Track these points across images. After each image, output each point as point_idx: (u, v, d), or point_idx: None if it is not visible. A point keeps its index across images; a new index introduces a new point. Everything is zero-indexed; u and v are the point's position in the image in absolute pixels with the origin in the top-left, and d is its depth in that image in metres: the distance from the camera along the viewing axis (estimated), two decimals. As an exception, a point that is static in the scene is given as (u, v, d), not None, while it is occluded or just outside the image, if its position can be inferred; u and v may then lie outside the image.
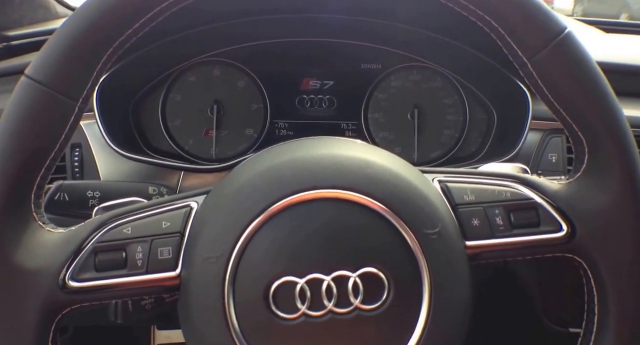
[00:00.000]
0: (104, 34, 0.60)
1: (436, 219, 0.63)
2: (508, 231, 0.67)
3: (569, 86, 0.65)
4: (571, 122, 0.66)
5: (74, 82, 0.60)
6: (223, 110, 1.26)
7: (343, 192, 0.62)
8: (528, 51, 0.64)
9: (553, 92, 0.65)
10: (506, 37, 0.65)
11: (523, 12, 0.63)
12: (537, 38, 0.64)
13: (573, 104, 0.65)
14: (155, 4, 0.60)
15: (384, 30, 1.24)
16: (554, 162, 1.14)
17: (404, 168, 0.67)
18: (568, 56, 0.64)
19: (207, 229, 0.62)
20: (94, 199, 0.89)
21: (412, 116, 1.27)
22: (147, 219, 0.65)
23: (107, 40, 0.61)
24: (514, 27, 0.64)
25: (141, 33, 0.63)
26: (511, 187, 0.69)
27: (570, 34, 0.64)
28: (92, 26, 0.59)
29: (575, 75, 0.64)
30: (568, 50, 0.64)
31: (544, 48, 0.63)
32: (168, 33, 1.17)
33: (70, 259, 0.62)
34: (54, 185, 0.89)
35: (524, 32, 0.64)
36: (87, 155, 1.10)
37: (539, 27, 0.63)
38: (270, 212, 0.61)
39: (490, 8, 0.63)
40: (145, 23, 0.62)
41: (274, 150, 0.69)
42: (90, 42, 0.60)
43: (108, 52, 0.61)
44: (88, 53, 0.60)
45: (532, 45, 0.64)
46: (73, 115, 0.61)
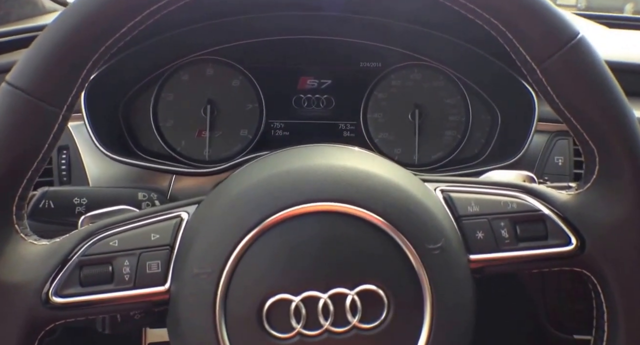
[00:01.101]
0: (89, 39, 0.56)
1: (439, 233, 0.60)
2: (514, 244, 0.63)
3: (580, 94, 0.61)
4: (582, 131, 0.62)
5: (57, 89, 0.57)
6: (217, 110, 1.22)
7: (340, 205, 0.58)
8: (537, 57, 0.60)
9: (563, 100, 0.62)
10: (514, 42, 0.61)
11: (533, 16, 0.59)
12: (547, 44, 0.59)
13: (584, 112, 0.61)
14: (143, 8, 0.57)
15: (384, 27, 1.20)
16: (560, 166, 1.10)
17: (404, 178, 0.63)
18: (580, 63, 0.60)
19: (197, 242, 0.59)
20: (80, 206, 0.86)
21: (412, 116, 1.23)
22: (135, 230, 0.62)
23: (93, 45, 0.57)
24: (522, 32, 0.60)
25: (129, 37, 0.59)
26: (517, 198, 0.65)
27: (583, 39, 0.60)
28: (76, 31, 0.56)
29: (587, 83, 0.60)
30: (580, 56, 0.60)
31: (555, 54, 0.59)
32: (160, 31, 1.13)
33: (54, 274, 0.58)
34: (39, 192, 0.85)
35: (534, 37, 0.60)
36: (74, 157, 1.06)
37: (550, 32, 0.59)
38: (263, 227, 0.58)
39: (498, 11, 0.59)
40: (134, 27, 0.58)
41: (267, 160, 0.66)
42: (75, 48, 0.56)
43: (94, 57, 0.58)
44: (72, 59, 0.56)
45: (542, 51, 0.60)
46: (57, 124, 0.58)
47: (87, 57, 0.57)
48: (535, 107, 1.07)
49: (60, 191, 0.86)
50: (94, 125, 1.02)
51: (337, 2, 1.13)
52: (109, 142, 1.05)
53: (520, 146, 1.07)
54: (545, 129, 1.12)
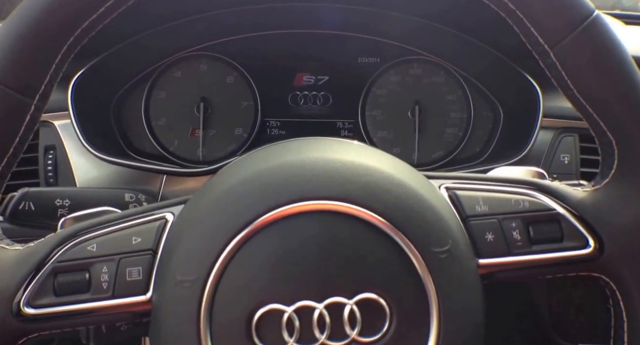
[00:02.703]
0: (61, 21, 0.52)
1: (445, 235, 0.55)
2: (527, 247, 0.58)
3: (597, 78, 0.56)
4: (599, 120, 0.58)
5: (28, 77, 0.52)
6: (210, 108, 1.18)
7: (338, 203, 0.53)
8: (550, 38, 0.56)
9: (578, 86, 0.57)
10: (525, 21, 0.56)
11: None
12: (560, 23, 0.55)
13: (601, 99, 0.56)
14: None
15: (381, 21, 1.16)
16: (566, 164, 1.06)
17: (407, 175, 0.58)
18: (596, 44, 0.55)
19: (180, 247, 0.54)
20: (63, 208, 0.81)
21: (412, 114, 1.19)
22: (115, 234, 0.57)
23: (66, 28, 0.52)
24: (534, 10, 0.55)
25: (109, 19, 0.54)
26: (529, 196, 0.60)
27: (598, 17, 0.55)
28: (46, 12, 0.51)
29: (604, 66, 0.55)
30: (596, 36, 0.55)
31: (569, 34, 0.54)
32: (151, 25, 1.09)
33: (27, 282, 0.54)
34: (19, 193, 0.81)
35: (546, 15, 0.55)
36: (61, 158, 1.02)
37: (563, 10, 0.54)
38: (252, 229, 0.52)
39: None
40: (113, 7, 0.53)
41: (258, 154, 0.60)
42: (46, 30, 0.51)
43: (69, 41, 0.53)
44: (43, 43, 0.52)
45: (555, 32, 0.55)
46: (29, 114, 0.53)
47: (61, 41, 0.53)
48: (540, 103, 1.03)
49: (41, 192, 0.81)
50: (81, 124, 0.97)
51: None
52: (97, 142, 1.01)
53: (524, 144, 1.03)
54: (550, 125, 1.08)
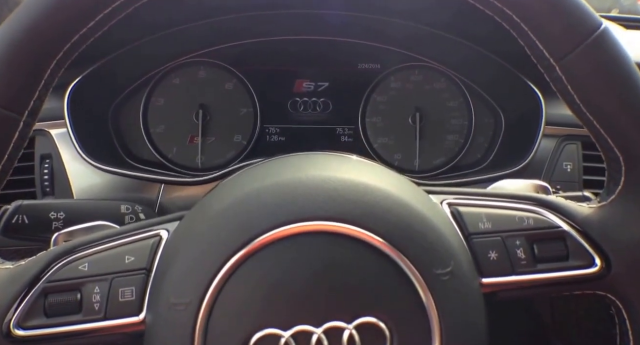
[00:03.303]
0: (49, 36, 0.50)
1: (448, 256, 0.53)
2: (531, 266, 0.57)
3: (604, 93, 0.54)
4: (606, 136, 0.56)
5: (16, 93, 0.51)
6: (209, 115, 1.17)
7: (337, 224, 0.51)
8: (556, 52, 0.54)
9: (585, 100, 0.55)
10: (530, 35, 0.54)
11: (551, 5, 0.53)
12: (567, 37, 0.53)
13: (609, 114, 0.55)
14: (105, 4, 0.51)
15: (382, 26, 1.15)
16: (569, 172, 1.05)
17: (408, 193, 0.56)
18: (603, 58, 0.54)
19: (175, 267, 0.52)
20: (57, 221, 0.80)
21: (413, 120, 1.18)
22: (107, 252, 0.55)
23: (55, 43, 0.51)
24: (540, 23, 0.54)
25: (99, 32, 0.53)
26: (534, 212, 0.59)
27: (606, 31, 0.54)
28: (34, 27, 0.50)
29: (611, 81, 0.54)
30: (603, 50, 0.53)
31: (576, 48, 0.53)
32: (149, 32, 1.07)
33: (17, 302, 0.52)
34: (12, 206, 0.79)
35: (553, 29, 0.54)
36: (58, 167, 1.01)
37: (570, 24, 0.53)
38: (248, 250, 0.51)
39: (511, 1, 0.53)
40: (103, 21, 0.52)
41: (255, 171, 0.59)
42: (33, 46, 0.50)
43: (58, 56, 0.51)
44: (31, 59, 0.51)
45: (562, 45, 0.54)
46: (17, 131, 0.52)
47: (50, 56, 0.51)
48: (543, 110, 1.02)
49: (35, 205, 0.80)
50: (78, 133, 0.96)
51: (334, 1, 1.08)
52: (94, 150, 0.99)
53: (526, 151, 1.02)
54: (552, 133, 1.07)
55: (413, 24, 1.12)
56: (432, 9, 1.05)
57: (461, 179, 1.06)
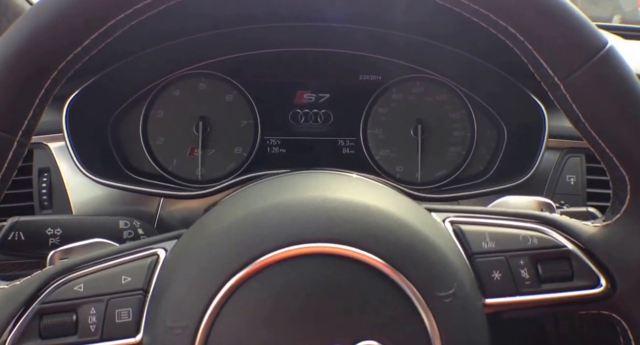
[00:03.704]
0: (43, 56, 0.49)
1: (450, 278, 0.52)
2: (535, 286, 0.56)
3: (610, 113, 0.53)
4: (611, 155, 0.55)
5: (9, 113, 0.50)
6: (210, 127, 1.16)
7: (337, 246, 0.50)
8: (561, 70, 0.53)
9: (590, 119, 0.54)
10: (534, 53, 0.53)
11: (556, 24, 0.52)
12: (572, 55, 0.52)
13: (614, 133, 0.54)
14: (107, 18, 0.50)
15: (384, 38, 1.14)
16: (572, 185, 1.04)
17: (410, 212, 0.55)
18: (610, 77, 0.52)
19: (172, 289, 0.51)
20: (54, 237, 0.79)
21: (415, 132, 1.18)
22: (103, 272, 0.54)
23: (49, 62, 0.50)
24: (544, 42, 0.53)
25: (95, 50, 0.52)
26: (538, 231, 0.58)
27: (612, 49, 0.53)
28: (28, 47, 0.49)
29: (617, 100, 0.53)
30: (609, 69, 0.52)
31: (581, 67, 0.52)
32: (149, 44, 1.07)
33: (12, 324, 0.51)
34: (8, 222, 0.78)
35: (557, 47, 0.52)
36: (56, 180, 1.00)
37: (575, 42, 0.52)
38: (247, 272, 0.50)
39: (516, 18, 0.52)
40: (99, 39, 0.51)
41: (253, 191, 0.58)
42: (27, 65, 0.49)
43: (52, 75, 0.50)
44: (25, 78, 0.49)
45: (567, 64, 0.53)
46: (11, 151, 0.51)
47: (44, 76, 0.50)
48: (546, 123, 1.01)
49: (32, 221, 0.79)
50: (76, 146, 0.95)
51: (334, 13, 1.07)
52: (94, 163, 0.99)
53: (529, 164, 1.01)
54: (555, 146, 1.06)
55: (415, 36, 1.11)
56: (434, 21, 1.04)
57: (464, 192, 1.05)
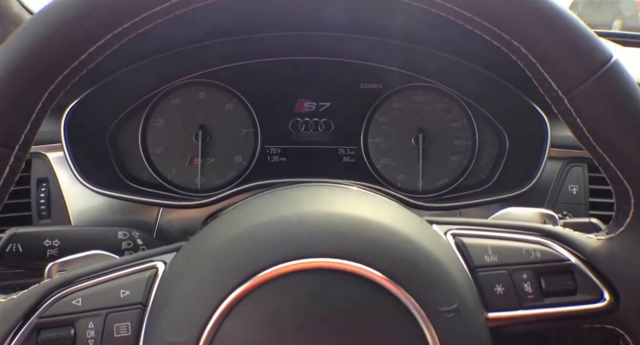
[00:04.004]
0: (40, 70, 0.49)
1: (453, 292, 0.51)
2: (538, 300, 0.55)
3: (614, 127, 0.53)
4: (615, 169, 0.55)
5: (7, 127, 0.49)
6: (209, 136, 1.15)
7: (337, 261, 0.49)
8: (565, 84, 0.53)
9: (594, 133, 0.54)
10: (538, 66, 0.53)
11: (560, 37, 0.51)
12: (576, 69, 0.52)
13: (619, 147, 0.54)
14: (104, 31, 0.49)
15: (384, 47, 1.13)
16: (574, 195, 1.03)
17: (411, 226, 0.55)
18: (613, 91, 0.52)
19: (171, 303, 0.51)
20: (52, 249, 0.78)
21: (416, 141, 1.17)
22: (102, 285, 0.54)
23: (46, 76, 0.49)
24: (548, 55, 0.52)
25: (93, 64, 0.51)
26: (541, 244, 0.57)
27: (617, 63, 0.52)
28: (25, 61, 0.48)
29: (621, 114, 0.52)
30: (613, 83, 0.52)
31: (585, 81, 0.52)
32: (149, 53, 1.06)
33: (9, 338, 0.50)
34: (5, 234, 0.78)
35: (561, 61, 0.52)
36: (55, 190, 1.00)
37: (580, 56, 0.51)
38: (247, 287, 0.49)
39: (519, 31, 0.52)
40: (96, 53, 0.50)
41: (253, 204, 0.57)
42: (24, 79, 0.48)
43: (50, 88, 0.50)
44: (23, 93, 0.49)
45: (571, 78, 0.52)
46: (8, 165, 0.50)
47: (41, 90, 0.50)
48: (548, 133, 1.00)
49: (29, 233, 0.78)
50: (75, 156, 0.95)
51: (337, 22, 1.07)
52: (92, 173, 0.98)
53: (531, 174, 1.00)
54: (558, 156, 1.05)
55: (415, 45, 1.10)
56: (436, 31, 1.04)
57: (465, 201, 1.04)
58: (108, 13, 0.49)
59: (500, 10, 0.51)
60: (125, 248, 0.84)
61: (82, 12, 0.48)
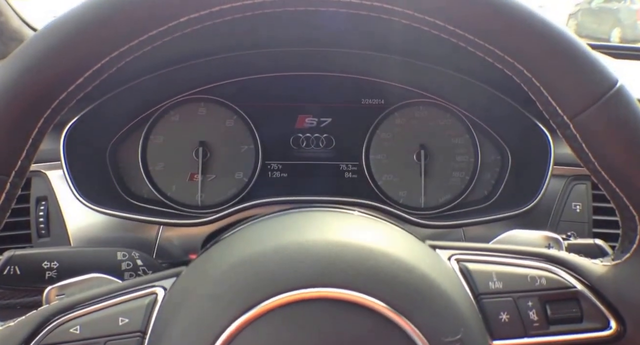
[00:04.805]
0: (35, 96, 0.48)
1: (457, 322, 0.50)
2: (544, 328, 0.54)
3: (620, 152, 0.52)
4: (621, 195, 0.54)
5: (3, 154, 0.48)
6: (210, 153, 1.14)
7: (339, 291, 0.48)
8: (571, 109, 0.52)
9: (600, 159, 0.53)
10: (543, 91, 0.52)
11: (566, 61, 0.50)
12: (581, 94, 0.51)
13: (624, 173, 0.53)
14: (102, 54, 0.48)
15: (386, 62, 1.12)
16: (578, 212, 1.02)
17: (414, 253, 0.54)
18: (619, 116, 0.51)
19: (171, 332, 0.50)
20: (51, 270, 0.77)
21: (418, 157, 1.16)
22: (100, 312, 0.53)
23: (42, 102, 0.49)
24: (553, 80, 0.51)
25: (90, 87, 0.51)
26: (546, 270, 0.56)
27: (622, 89, 0.51)
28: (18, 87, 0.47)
29: (628, 140, 0.52)
30: (619, 108, 0.51)
31: (591, 106, 0.51)
32: (148, 70, 1.05)
33: None
34: (4, 256, 0.77)
35: (567, 85, 0.51)
36: (54, 209, 0.99)
37: (585, 80, 0.51)
38: (248, 317, 0.48)
39: (524, 55, 0.51)
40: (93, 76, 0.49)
41: (254, 230, 0.57)
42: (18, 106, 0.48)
43: (45, 114, 0.49)
44: (18, 119, 0.48)
45: (576, 103, 0.51)
46: (4, 192, 0.49)
47: (36, 116, 0.49)
48: (551, 151, 0.99)
49: (28, 255, 0.77)
50: (74, 175, 0.94)
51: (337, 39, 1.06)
52: (92, 191, 0.97)
53: (534, 191, 1.00)
54: (561, 173, 1.04)
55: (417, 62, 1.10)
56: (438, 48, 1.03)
57: (469, 219, 1.04)
58: (105, 38, 0.48)
59: (504, 33, 0.51)
60: (124, 269, 0.83)
61: (79, 37, 0.47)
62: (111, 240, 1.03)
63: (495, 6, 0.50)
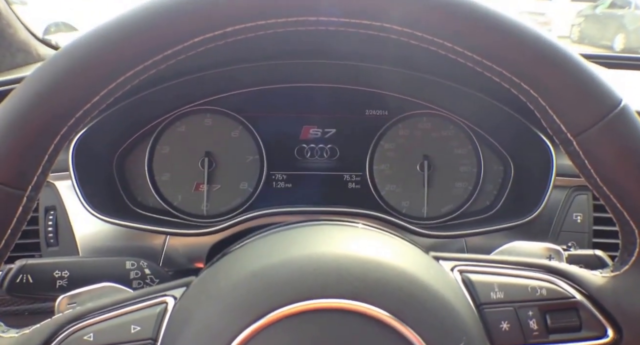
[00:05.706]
0: (52, 113, 0.49)
1: (459, 331, 0.52)
2: (544, 337, 0.56)
3: (622, 169, 0.53)
4: (622, 210, 0.55)
5: (20, 170, 0.50)
6: (215, 163, 1.16)
7: (346, 302, 0.50)
8: (574, 127, 0.53)
9: (602, 175, 0.54)
10: (547, 109, 0.53)
11: (570, 80, 0.52)
12: (586, 112, 0.52)
13: (626, 189, 0.54)
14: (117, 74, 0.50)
15: (390, 74, 1.14)
16: (579, 223, 1.03)
17: (418, 265, 0.55)
18: (623, 134, 0.52)
19: (181, 340, 0.51)
20: (62, 279, 0.79)
21: (421, 168, 1.18)
22: (113, 321, 0.54)
23: (58, 120, 0.50)
24: (558, 98, 0.53)
25: (104, 105, 0.52)
26: (547, 281, 0.58)
27: (626, 108, 0.52)
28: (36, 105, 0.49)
29: (630, 157, 0.53)
30: (624, 128, 0.52)
31: (595, 124, 0.52)
32: (155, 82, 1.07)
33: None
34: (16, 265, 0.78)
35: (571, 104, 0.52)
36: (62, 218, 1.00)
37: (590, 99, 0.52)
38: (257, 328, 0.49)
39: (529, 74, 0.52)
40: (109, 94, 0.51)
41: (263, 243, 0.58)
42: (37, 123, 0.49)
43: (62, 131, 0.50)
44: (35, 136, 0.49)
45: (580, 121, 0.53)
46: (20, 206, 0.51)
47: (53, 133, 0.50)
48: (553, 162, 1.00)
49: (39, 265, 0.79)
50: (82, 185, 0.96)
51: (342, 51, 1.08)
52: (99, 201, 0.99)
53: (536, 202, 1.01)
54: (563, 184, 1.05)
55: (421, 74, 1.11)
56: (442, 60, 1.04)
57: (471, 229, 1.05)
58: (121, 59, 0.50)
59: (510, 53, 0.52)
60: (133, 277, 0.84)
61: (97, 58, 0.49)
62: (118, 249, 1.04)
63: (504, 28, 0.51)
